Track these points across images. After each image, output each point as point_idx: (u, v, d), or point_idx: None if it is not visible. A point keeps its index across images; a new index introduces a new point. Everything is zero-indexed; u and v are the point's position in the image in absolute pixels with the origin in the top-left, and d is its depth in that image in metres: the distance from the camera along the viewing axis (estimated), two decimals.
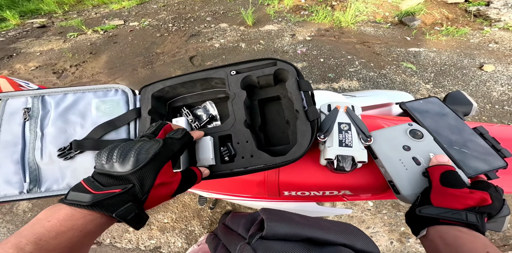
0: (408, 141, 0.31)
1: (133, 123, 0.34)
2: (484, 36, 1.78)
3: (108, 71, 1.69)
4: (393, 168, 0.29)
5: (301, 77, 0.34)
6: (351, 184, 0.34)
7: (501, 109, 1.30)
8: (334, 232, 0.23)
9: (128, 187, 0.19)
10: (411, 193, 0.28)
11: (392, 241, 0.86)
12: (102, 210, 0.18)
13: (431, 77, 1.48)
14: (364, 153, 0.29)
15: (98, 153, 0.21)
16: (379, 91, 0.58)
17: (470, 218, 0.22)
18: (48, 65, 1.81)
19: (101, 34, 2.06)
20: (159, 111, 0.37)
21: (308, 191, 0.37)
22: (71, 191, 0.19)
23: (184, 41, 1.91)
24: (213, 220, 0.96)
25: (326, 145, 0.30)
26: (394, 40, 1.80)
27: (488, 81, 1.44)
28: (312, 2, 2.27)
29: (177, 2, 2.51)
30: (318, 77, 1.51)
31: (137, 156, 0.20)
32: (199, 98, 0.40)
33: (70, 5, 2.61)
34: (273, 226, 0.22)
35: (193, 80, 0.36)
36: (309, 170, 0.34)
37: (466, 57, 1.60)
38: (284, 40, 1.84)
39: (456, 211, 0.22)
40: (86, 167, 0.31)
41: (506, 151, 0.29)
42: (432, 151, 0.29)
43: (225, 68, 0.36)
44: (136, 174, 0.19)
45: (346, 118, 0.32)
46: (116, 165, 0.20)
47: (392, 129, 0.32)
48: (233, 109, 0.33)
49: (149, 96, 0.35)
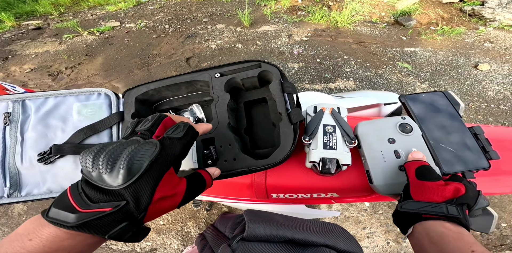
0: (396, 134, 0.31)
1: (116, 127, 0.34)
2: (479, 35, 1.79)
3: (104, 73, 1.69)
4: (373, 158, 0.30)
5: (285, 79, 0.33)
6: (338, 186, 0.33)
7: (497, 108, 1.30)
8: (317, 232, 0.23)
9: (120, 204, 0.16)
10: (382, 183, 0.28)
11: (389, 241, 0.86)
12: (92, 232, 0.15)
13: (427, 77, 1.48)
14: (348, 156, 0.29)
15: (83, 153, 0.17)
16: (368, 92, 0.58)
17: (451, 211, 0.22)
18: (44, 68, 1.80)
19: (97, 35, 2.05)
20: (144, 114, 0.37)
21: (295, 194, 0.36)
22: (53, 207, 0.16)
23: (181, 42, 1.90)
24: (209, 222, 0.95)
25: (310, 147, 0.30)
26: (390, 40, 1.81)
27: (484, 80, 1.44)
28: (309, 3, 2.28)
29: (173, 3, 2.51)
30: (315, 77, 1.51)
31: (128, 166, 0.16)
32: (185, 101, 0.40)
33: (66, 6, 2.61)
34: (254, 228, 0.22)
35: (178, 83, 0.36)
36: (295, 173, 0.34)
37: (461, 57, 1.61)
38: (281, 40, 1.84)
39: (436, 204, 0.22)
40: (66, 172, 0.30)
41: (495, 153, 0.29)
42: (416, 147, 0.29)
43: (209, 70, 0.35)
44: (129, 189, 0.16)
45: (331, 121, 0.32)
46: (104, 176, 0.16)
47: (384, 120, 0.32)
48: (216, 112, 0.32)
49: (132, 100, 0.35)
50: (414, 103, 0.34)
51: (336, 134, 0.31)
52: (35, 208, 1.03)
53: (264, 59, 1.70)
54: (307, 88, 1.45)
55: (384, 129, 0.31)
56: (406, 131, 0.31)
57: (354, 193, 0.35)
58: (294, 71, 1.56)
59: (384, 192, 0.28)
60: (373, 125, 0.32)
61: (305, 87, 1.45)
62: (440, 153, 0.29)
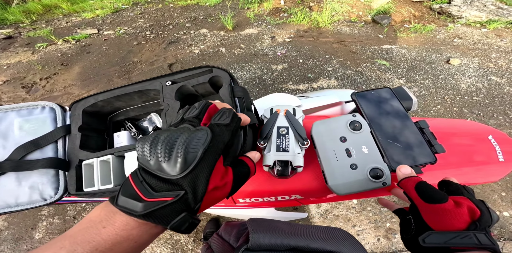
0: (347, 132, 0.31)
1: (62, 141, 0.32)
2: (448, 32, 1.91)
3: (82, 83, 1.62)
4: (326, 158, 0.30)
5: (236, 83, 0.33)
6: (298, 188, 0.33)
7: (471, 100, 1.38)
8: (321, 239, 0.22)
9: (180, 194, 0.16)
10: (335, 183, 0.28)
11: (379, 238, 0.88)
12: (156, 222, 0.16)
13: (404, 73, 1.55)
14: (299, 157, 0.29)
15: (139, 142, 0.17)
16: (331, 91, 0.59)
17: (483, 240, 0.19)
18: (17, 79, 1.70)
19: (73, 44, 1.97)
20: (94, 126, 0.36)
21: (260, 198, 0.36)
22: (121, 195, 0.16)
23: (163, 48, 1.87)
24: (198, 228, 0.93)
25: (265, 151, 0.30)
26: (368, 38, 1.88)
27: (456, 74, 1.53)
28: (291, 4, 2.32)
29: (155, 9, 2.47)
30: (298, 78, 1.53)
31: (184, 154, 0.16)
32: (141, 110, 0.39)
33: (38, 14, 2.48)
34: (257, 237, 0.21)
35: (129, 93, 0.35)
36: (256, 177, 0.34)
37: (434, 53, 1.70)
38: (264, 42, 1.86)
39: (464, 233, 0.20)
40: (8, 189, 0.29)
41: (440, 146, 0.29)
42: (365, 144, 0.30)
43: (160, 79, 0.34)
44: (186, 179, 0.16)
45: (285, 122, 0.31)
46: (163, 165, 0.16)
47: (335, 119, 0.32)
48: (166, 121, 0.31)
49: (80, 112, 0.34)
50: (363, 101, 0.34)
51: (289, 135, 0.30)
52: (16, 223, 0.98)
53: (248, 61, 1.70)
54: (291, 89, 1.46)
55: (336, 128, 0.31)
56: (356, 129, 0.31)
57: (316, 194, 0.35)
58: (278, 73, 1.57)
59: (339, 191, 0.28)
60: (326, 124, 0.32)
61: (289, 88, 1.47)
62: (388, 149, 0.29)
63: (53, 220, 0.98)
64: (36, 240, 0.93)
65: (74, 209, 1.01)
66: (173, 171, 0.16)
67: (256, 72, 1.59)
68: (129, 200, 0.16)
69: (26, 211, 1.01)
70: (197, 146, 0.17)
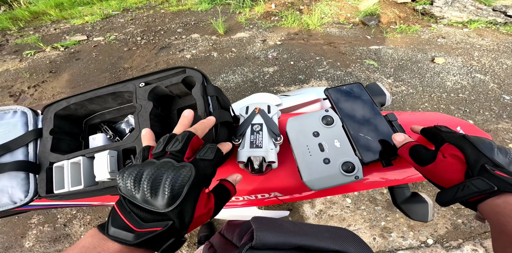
0: (319, 127, 0.31)
1: (33, 144, 0.32)
2: (432, 32, 1.98)
3: (71, 91, 1.59)
4: (300, 153, 0.29)
5: (209, 83, 0.33)
6: (276, 185, 0.33)
7: (457, 97, 1.42)
8: (326, 238, 0.22)
9: (169, 224, 0.18)
10: (310, 178, 0.28)
11: (375, 237, 0.87)
12: (148, 248, 0.18)
13: (392, 72, 1.59)
14: (273, 153, 0.29)
15: (120, 175, 0.18)
16: (310, 89, 0.60)
17: (480, 186, 0.19)
18: (4, 88, 1.66)
19: (62, 51, 1.94)
20: (67, 130, 0.36)
21: (240, 196, 0.36)
22: (112, 227, 0.18)
23: (154, 54, 1.86)
24: (193, 233, 0.91)
25: (239, 148, 0.30)
26: (356, 39, 1.93)
27: (441, 72, 1.58)
28: (282, 8, 2.37)
29: (146, 15, 2.47)
30: (289, 80, 1.55)
31: (171, 192, 0.17)
32: (117, 113, 0.39)
33: (26, 21, 2.45)
34: (262, 236, 0.21)
35: (101, 95, 0.35)
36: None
37: (419, 52, 1.76)
38: (256, 46, 1.88)
39: (461, 184, 0.20)
40: None
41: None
42: (337, 138, 0.30)
43: (134, 80, 0.35)
44: (174, 212, 0.18)
45: (260, 119, 0.32)
46: (150, 199, 0.18)
47: (309, 115, 0.32)
48: (138, 121, 0.31)
49: (51, 116, 0.34)
50: (336, 96, 0.34)
51: (263, 132, 0.30)
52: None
53: (240, 65, 1.72)
54: (282, 91, 1.48)
55: (309, 123, 0.31)
56: (329, 123, 0.31)
57: (294, 190, 0.34)
58: (270, 75, 1.59)
59: (313, 187, 0.28)
60: (299, 120, 0.32)
61: (281, 90, 1.48)
62: (359, 142, 0.30)
63: (43, 228, 0.95)
64: (26, 249, 0.90)
65: (64, 216, 0.98)
66: (160, 205, 0.18)
67: (248, 75, 1.61)
68: (121, 231, 0.17)
69: (15, 219, 0.98)
70: (183, 184, 0.18)
